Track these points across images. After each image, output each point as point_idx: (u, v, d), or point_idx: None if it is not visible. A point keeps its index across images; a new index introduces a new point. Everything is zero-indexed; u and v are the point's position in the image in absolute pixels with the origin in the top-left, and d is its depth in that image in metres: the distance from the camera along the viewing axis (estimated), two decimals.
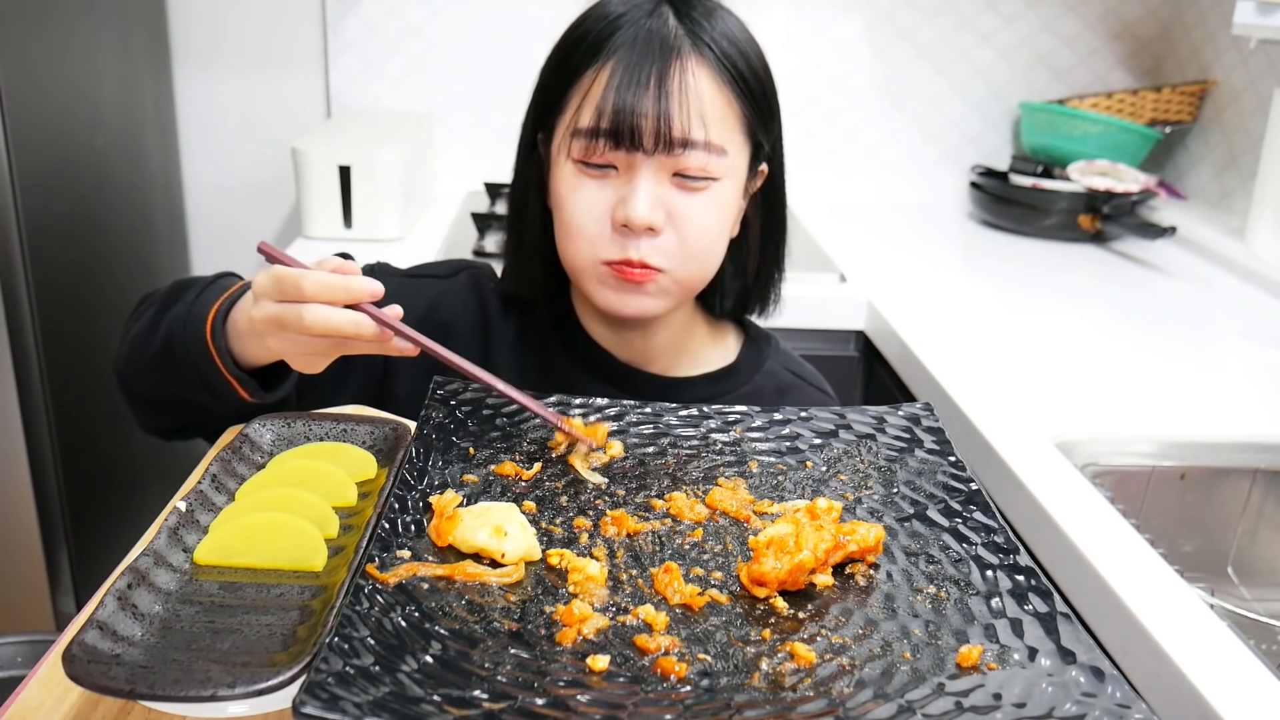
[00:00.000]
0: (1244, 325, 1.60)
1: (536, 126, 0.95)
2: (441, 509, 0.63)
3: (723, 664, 0.53)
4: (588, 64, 0.87)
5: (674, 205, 0.87)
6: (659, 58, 0.85)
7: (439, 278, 1.03)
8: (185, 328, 0.84)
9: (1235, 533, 1.20)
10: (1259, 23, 1.65)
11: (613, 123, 0.84)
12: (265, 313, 0.75)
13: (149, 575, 0.56)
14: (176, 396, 0.87)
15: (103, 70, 1.81)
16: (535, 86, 0.95)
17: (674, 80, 0.85)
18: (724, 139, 0.87)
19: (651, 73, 0.84)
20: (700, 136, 0.85)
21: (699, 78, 0.85)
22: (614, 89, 0.84)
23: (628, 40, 0.86)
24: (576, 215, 0.88)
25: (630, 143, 0.85)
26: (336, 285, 0.73)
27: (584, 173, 0.88)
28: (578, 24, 0.90)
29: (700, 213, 0.88)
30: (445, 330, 0.97)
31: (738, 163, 0.90)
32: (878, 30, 2.19)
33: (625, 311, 0.91)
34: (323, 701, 0.44)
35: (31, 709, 0.55)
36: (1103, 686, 0.50)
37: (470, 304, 1.01)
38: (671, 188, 0.87)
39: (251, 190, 2.17)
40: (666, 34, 0.86)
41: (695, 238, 0.88)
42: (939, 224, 2.13)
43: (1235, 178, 2.02)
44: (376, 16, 2.11)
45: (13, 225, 1.52)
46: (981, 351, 1.42)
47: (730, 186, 0.90)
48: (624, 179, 0.87)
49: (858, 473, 0.74)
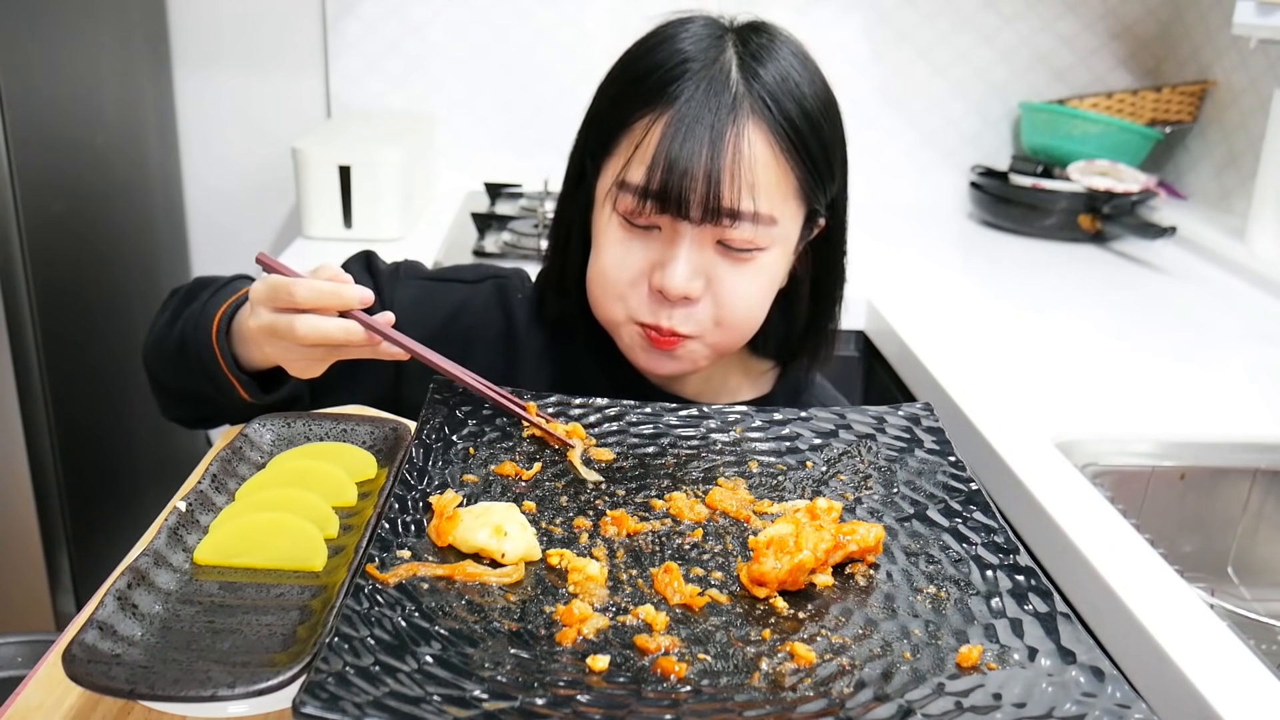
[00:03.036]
0: (1244, 325, 1.60)
1: (585, 154, 0.92)
2: (441, 509, 0.63)
3: (723, 664, 0.53)
4: (645, 109, 0.84)
5: (715, 273, 0.85)
6: (715, 116, 0.82)
7: (465, 283, 1.01)
8: (196, 327, 0.86)
9: (1235, 533, 1.20)
10: (1259, 23, 1.65)
11: (661, 186, 0.81)
12: (260, 321, 0.76)
13: (149, 575, 0.56)
14: (193, 390, 0.89)
15: (103, 70, 1.81)
16: (589, 109, 0.91)
17: (728, 147, 0.81)
18: (774, 208, 0.83)
19: (706, 137, 0.81)
20: (749, 208, 0.82)
21: (754, 143, 0.82)
22: (665, 149, 0.81)
23: (687, 92, 0.82)
24: (613, 271, 0.86)
25: (676, 210, 0.82)
26: (328, 293, 0.74)
27: (626, 228, 0.86)
28: (640, 55, 0.86)
29: (741, 282, 0.85)
30: (466, 338, 0.96)
31: (788, 230, 0.86)
32: (877, 31, 2.19)
33: (655, 372, 0.90)
34: (323, 701, 0.44)
35: (31, 709, 0.55)
36: (1103, 686, 0.50)
37: (495, 314, 0.98)
38: (715, 254, 0.85)
39: (251, 190, 2.17)
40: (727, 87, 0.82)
41: (733, 307, 0.86)
42: (939, 224, 2.14)
43: (1235, 178, 2.02)
44: (376, 16, 2.11)
45: (13, 225, 1.52)
46: (981, 351, 1.42)
47: (778, 254, 0.87)
48: (666, 242, 0.84)
49: (858, 473, 0.74)
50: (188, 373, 0.87)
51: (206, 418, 0.95)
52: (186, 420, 0.97)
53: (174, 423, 0.98)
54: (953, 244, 2.03)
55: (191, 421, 0.97)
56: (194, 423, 0.97)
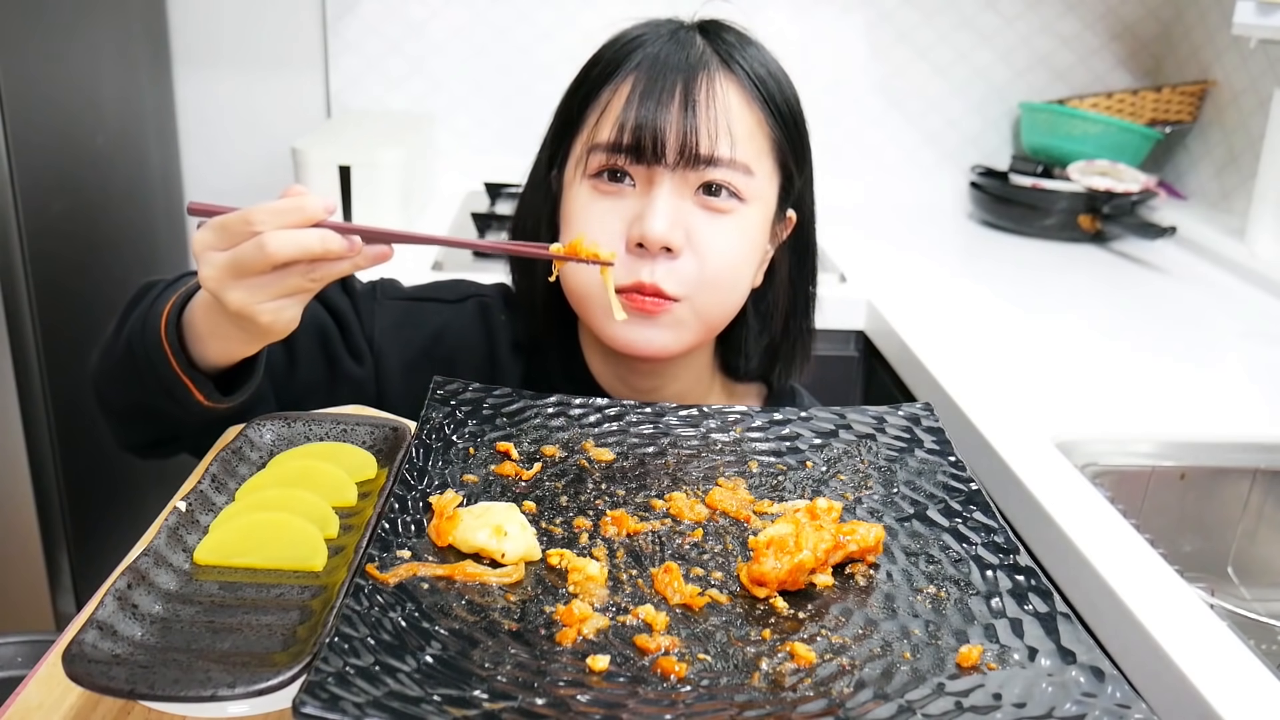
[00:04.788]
0: (1244, 325, 1.60)
1: (551, 160, 0.89)
2: (441, 509, 0.63)
3: (723, 664, 0.53)
4: (607, 81, 0.82)
5: (695, 226, 0.81)
6: (684, 71, 0.80)
7: (446, 302, 0.97)
8: (144, 327, 0.77)
9: (1235, 533, 1.20)
10: (1259, 23, 1.65)
11: (635, 136, 0.79)
12: (217, 265, 0.66)
13: (149, 575, 0.56)
14: (142, 405, 0.80)
15: (103, 70, 1.81)
16: (552, 118, 0.89)
17: (701, 92, 0.79)
18: (752, 159, 0.81)
19: (677, 84, 0.79)
20: (726, 153, 0.80)
21: (727, 92, 0.80)
22: (636, 101, 0.79)
23: (650, 55, 0.81)
24: (588, 235, 0.80)
25: (653, 155, 0.79)
26: (289, 209, 0.66)
27: (598, 189, 0.83)
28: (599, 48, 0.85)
29: (723, 236, 0.81)
30: (449, 363, 0.92)
31: (765, 190, 0.84)
32: (877, 30, 2.19)
33: (637, 347, 0.83)
34: (323, 701, 0.44)
35: (31, 709, 0.55)
36: (1103, 686, 0.50)
37: (477, 337, 0.95)
38: (694, 207, 0.81)
39: (251, 190, 2.17)
40: (693, 50, 0.81)
41: (717, 263, 0.81)
42: (939, 224, 2.14)
43: (1235, 178, 2.02)
44: (376, 16, 2.11)
45: (13, 225, 1.52)
46: (981, 351, 1.42)
47: (757, 215, 0.84)
48: (641, 196, 0.81)
49: (858, 473, 0.74)
50: (136, 383, 0.78)
51: (161, 440, 0.85)
52: (141, 446, 0.87)
53: (131, 453, 0.89)
54: (953, 244, 2.03)
55: (147, 447, 0.87)
56: (150, 448, 0.87)
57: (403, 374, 0.93)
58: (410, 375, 0.93)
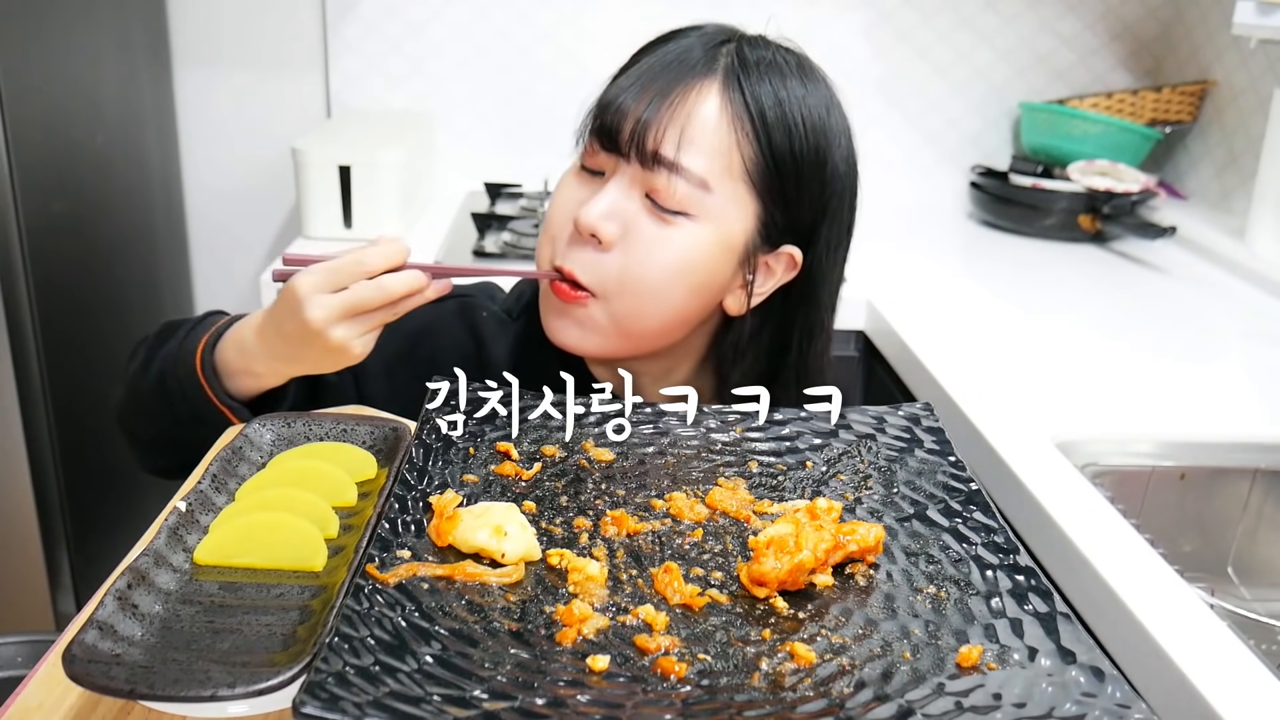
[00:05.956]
0: (1244, 325, 1.60)
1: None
2: (441, 509, 0.63)
3: (723, 664, 0.53)
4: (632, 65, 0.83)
5: (635, 225, 0.81)
6: (680, 73, 0.80)
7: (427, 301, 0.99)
8: (176, 363, 0.84)
9: (1235, 533, 1.20)
10: (1259, 23, 1.65)
11: (600, 116, 0.80)
12: (329, 306, 0.75)
13: (149, 575, 0.56)
14: (172, 435, 0.86)
15: (103, 70, 1.82)
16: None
17: (677, 94, 0.79)
18: (711, 175, 0.80)
19: (658, 82, 0.79)
20: (671, 154, 0.79)
21: (705, 103, 0.79)
22: (622, 85, 0.81)
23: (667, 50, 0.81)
24: (553, 212, 0.84)
25: (610, 141, 0.80)
26: (395, 253, 0.76)
27: (579, 175, 0.85)
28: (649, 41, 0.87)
29: (660, 245, 0.80)
30: (430, 363, 0.92)
31: (726, 212, 0.81)
32: (877, 30, 2.19)
33: (553, 335, 0.86)
34: (323, 701, 0.44)
35: (31, 709, 0.55)
36: (1103, 686, 0.50)
37: (459, 337, 0.96)
38: (641, 208, 0.81)
39: (251, 190, 2.17)
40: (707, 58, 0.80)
41: (642, 269, 0.81)
42: (939, 224, 2.14)
43: (1235, 178, 2.02)
44: (376, 16, 2.11)
45: (13, 225, 1.52)
46: (981, 351, 1.42)
47: (708, 235, 0.81)
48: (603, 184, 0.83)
49: (858, 473, 0.74)
50: (168, 414, 0.84)
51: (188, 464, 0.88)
52: (167, 470, 0.91)
53: (154, 475, 0.93)
54: (953, 244, 2.03)
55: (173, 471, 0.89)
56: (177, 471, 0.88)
57: (384, 376, 0.94)
58: (391, 377, 0.94)
